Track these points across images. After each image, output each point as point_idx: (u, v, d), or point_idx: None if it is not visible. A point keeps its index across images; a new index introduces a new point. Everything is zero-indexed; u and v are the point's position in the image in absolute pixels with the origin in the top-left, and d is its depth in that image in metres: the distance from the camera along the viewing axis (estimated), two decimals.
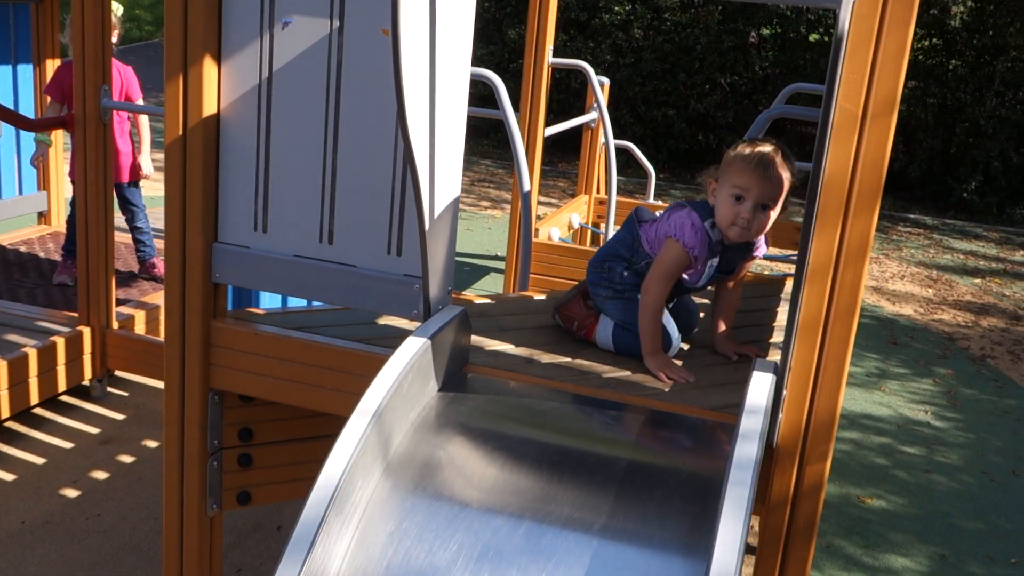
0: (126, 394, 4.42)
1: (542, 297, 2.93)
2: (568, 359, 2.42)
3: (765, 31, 12.69)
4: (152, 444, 3.98)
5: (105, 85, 3.87)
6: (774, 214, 2.39)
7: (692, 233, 2.41)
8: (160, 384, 4.48)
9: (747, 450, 1.75)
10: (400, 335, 2.46)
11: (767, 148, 2.37)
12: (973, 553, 3.82)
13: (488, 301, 2.85)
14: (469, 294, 4.14)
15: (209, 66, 2.21)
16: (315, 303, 2.94)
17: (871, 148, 1.89)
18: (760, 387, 1.94)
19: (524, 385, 2.22)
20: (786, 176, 2.36)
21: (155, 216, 6.52)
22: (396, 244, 2.22)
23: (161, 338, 4.65)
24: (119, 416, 4.20)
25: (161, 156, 2.65)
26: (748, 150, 2.38)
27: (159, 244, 5.67)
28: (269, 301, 3.50)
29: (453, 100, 2.14)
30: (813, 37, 12.60)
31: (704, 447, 2.07)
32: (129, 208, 5.01)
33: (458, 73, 2.15)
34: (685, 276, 2.46)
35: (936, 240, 10.03)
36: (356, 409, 1.82)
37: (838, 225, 1.93)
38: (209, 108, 2.24)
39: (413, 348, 1.98)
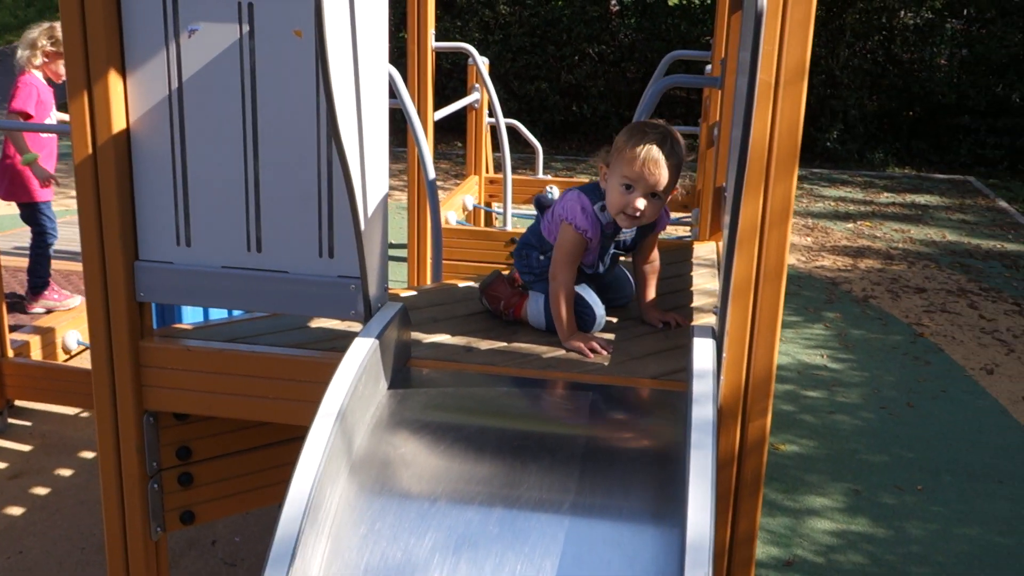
0: (29, 424, 4.24)
1: (465, 284, 2.95)
2: (505, 344, 2.45)
3: None
4: (65, 473, 3.84)
5: None
6: (662, 199, 2.43)
7: (583, 217, 2.45)
8: (65, 410, 4.34)
9: (703, 413, 1.82)
10: (336, 337, 2.45)
11: (654, 140, 2.37)
12: (883, 485, 4.04)
13: (413, 293, 2.86)
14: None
15: (114, 80, 2.14)
16: (236, 313, 2.90)
17: (786, 115, 1.97)
18: (704, 352, 2.01)
19: (469, 374, 2.24)
20: (675, 163, 2.39)
21: (25, 236, 6.25)
22: (327, 246, 2.21)
23: (59, 362, 4.49)
24: (25, 448, 4.03)
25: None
26: (636, 142, 2.37)
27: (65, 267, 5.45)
28: (191, 315, 3.41)
29: (376, 96, 2.13)
30: (672, 2, 12.88)
31: (654, 416, 2.13)
32: (48, 230, 4.76)
33: (378, 69, 2.14)
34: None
35: (807, 189, 10.44)
36: (317, 415, 1.81)
37: (760, 191, 2.00)
38: (118, 123, 2.17)
39: (363, 349, 1.98)
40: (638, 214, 2.40)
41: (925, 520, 3.76)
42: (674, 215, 6.33)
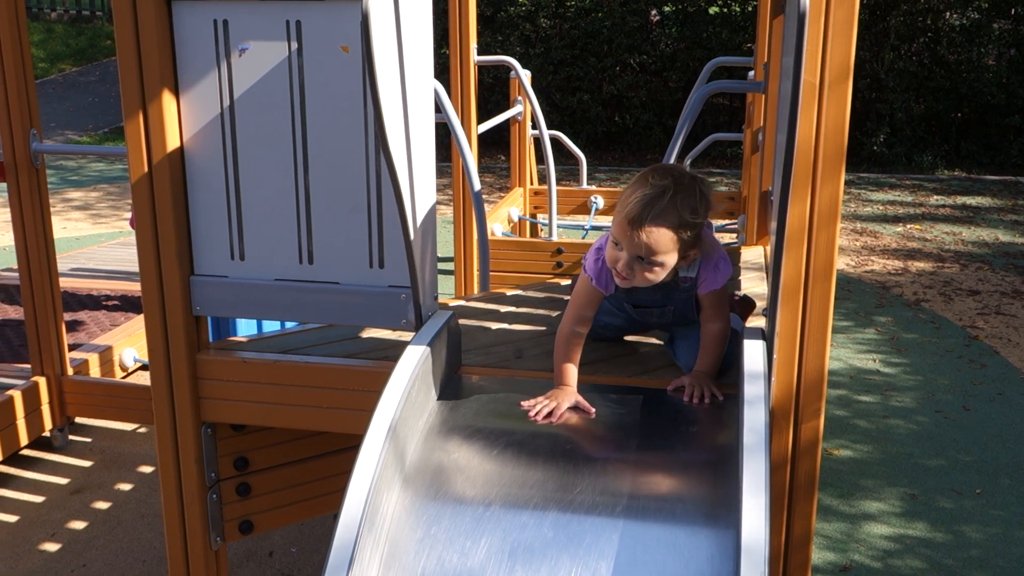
0: (89, 440, 4.34)
1: (513, 293, 2.97)
2: None
3: (666, 8, 12.90)
4: (125, 487, 3.91)
5: (33, 129, 3.79)
6: (661, 268, 2.09)
7: (593, 261, 2.22)
8: (123, 426, 4.42)
9: (756, 416, 1.82)
10: (388, 347, 2.48)
11: (645, 198, 2.02)
12: (940, 489, 3.98)
13: (462, 302, 2.88)
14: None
15: (168, 100, 2.20)
16: (288, 324, 2.95)
17: (831, 115, 1.97)
18: (755, 353, 2.01)
19: (520, 380, 2.26)
20: (670, 223, 2.03)
21: (86, 257, 6.41)
22: (378, 257, 2.24)
23: (117, 379, 4.58)
24: (86, 463, 4.12)
25: None
26: (628, 194, 2.07)
27: (123, 287, 5.56)
28: (245, 328, 3.48)
29: (422, 108, 2.17)
30: (713, 10, 12.84)
31: (707, 419, 2.13)
32: None
33: (424, 82, 2.17)
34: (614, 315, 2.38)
35: (855, 194, 10.34)
36: (371, 424, 1.83)
37: (807, 192, 2.00)
38: (172, 142, 2.22)
39: (415, 357, 2.01)
40: (623, 273, 2.09)
41: (984, 524, 3.69)
42: (720, 222, 6.32)
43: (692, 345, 2.31)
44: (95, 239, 8.15)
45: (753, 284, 3.10)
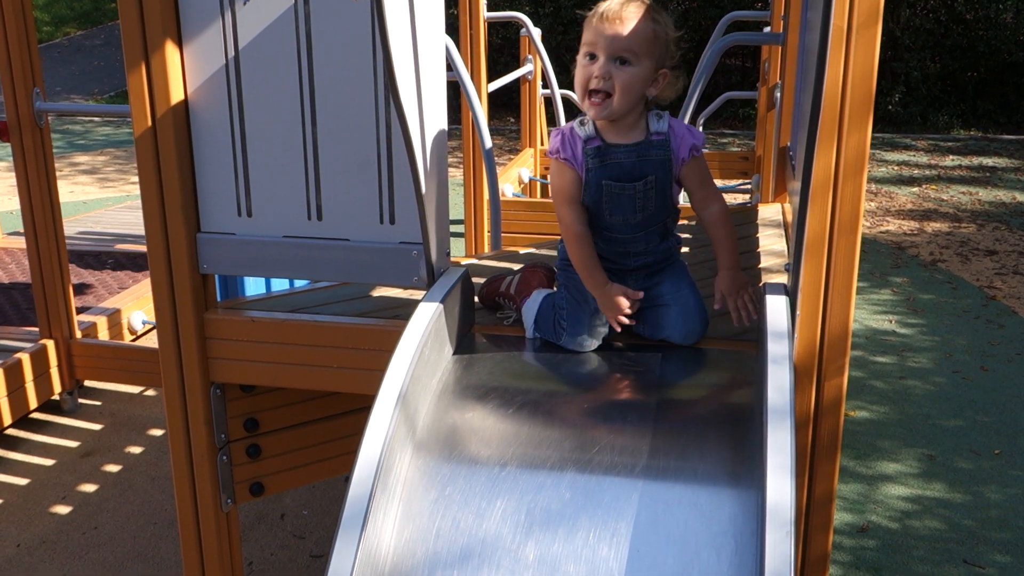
0: (99, 403, 4.31)
1: (527, 251, 2.91)
2: None
3: None
4: (136, 450, 3.89)
5: (36, 88, 3.73)
6: (638, 70, 1.97)
7: (554, 136, 2.09)
8: (132, 389, 4.39)
9: (781, 374, 1.76)
10: (399, 304, 2.43)
11: (618, 1, 2.00)
12: (958, 450, 3.93)
13: (474, 261, 2.83)
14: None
15: (171, 52, 2.13)
16: (297, 283, 2.90)
17: (859, 61, 1.89)
18: (778, 310, 1.95)
19: (535, 339, 2.20)
20: (645, 18, 1.97)
21: (93, 220, 6.37)
22: (388, 213, 2.18)
23: (126, 342, 4.55)
24: (96, 427, 4.10)
25: None
26: (596, 7, 2.02)
27: (131, 249, 5.52)
28: (253, 287, 3.43)
29: (434, 59, 2.10)
30: None
31: (727, 377, 2.07)
32: None
33: (436, 31, 2.10)
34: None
35: (870, 153, 10.20)
36: (383, 383, 1.78)
37: (833, 142, 1.93)
38: (176, 95, 2.16)
39: (428, 314, 1.95)
40: (600, 83, 1.96)
41: (1004, 484, 3.65)
42: (732, 182, 6.23)
43: (683, 310, 2.14)
44: (102, 203, 8.11)
45: (771, 241, 3.03)
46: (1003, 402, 4.36)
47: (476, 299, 2.35)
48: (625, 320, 2.07)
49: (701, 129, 6.63)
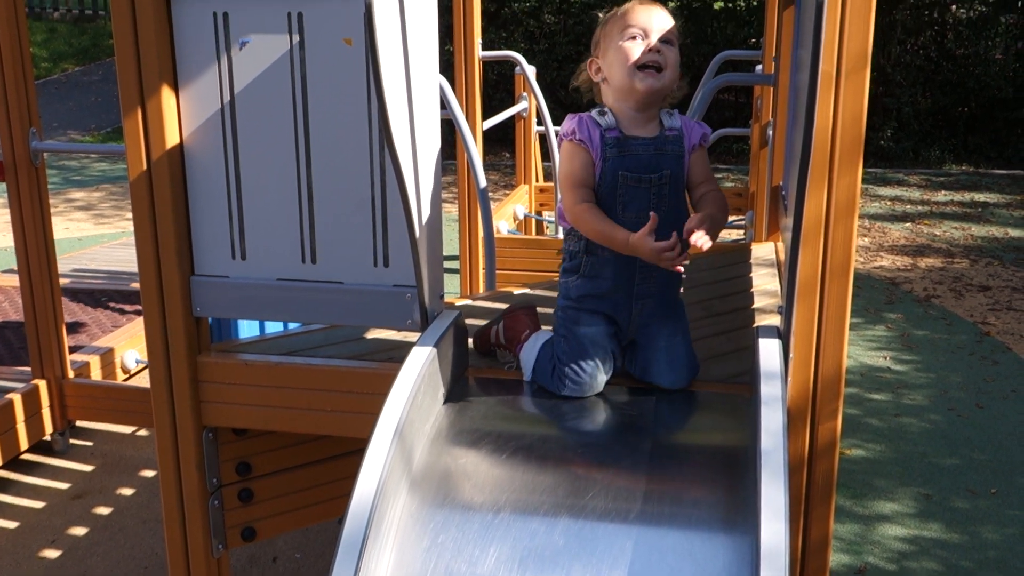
0: (91, 444, 4.28)
1: (520, 291, 2.91)
2: None
3: (671, 3, 12.82)
4: (127, 492, 3.86)
5: (33, 127, 3.74)
6: (677, 58, 2.08)
7: (570, 121, 2.08)
8: (125, 429, 4.37)
9: (774, 417, 1.76)
10: (393, 347, 2.42)
11: None
12: (955, 489, 3.92)
13: (468, 302, 2.82)
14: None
15: (167, 95, 2.14)
16: (292, 325, 2.89)
17: (848, 105, 1.91)
18: (770, 353, 1.95)
19: (529, 382, 2.20)
20: (672, 19, 2.08)
21: (88, 258, 6.36)
22: (382, 255, 2.18)
23: (119, 381, 4.52)
24: (87, 468, 4.07)
25: None
26: (622, 6, 2.09)
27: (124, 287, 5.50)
28: (247, 329, 3.42)
29: (427, 103, 2.11)
30: (718, 5, 12.77)
31: (721, 420, 2.07)
32: None
33: (429, 76, 2.11)
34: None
35: (863, 189, 10.26)
36: (376, 427, 1.78)
37: (824, 184, 1.94)
38: (172, 138, 2.17)
39: (421, 358, 1.95)
40: (656, 56, 2.01)
41: (1001, 524, 3.63)
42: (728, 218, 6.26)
43: (671, 356, 2.13)
44: (98, 239, 8.11)
45: (765, 281, 3.03)
46: (999, 440, 4.35)
47: (472, 346, 2.35)
48: (678, 260, 1.95)
49: None
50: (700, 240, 1.91)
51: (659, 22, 2.04)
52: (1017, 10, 12.34)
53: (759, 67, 5.44)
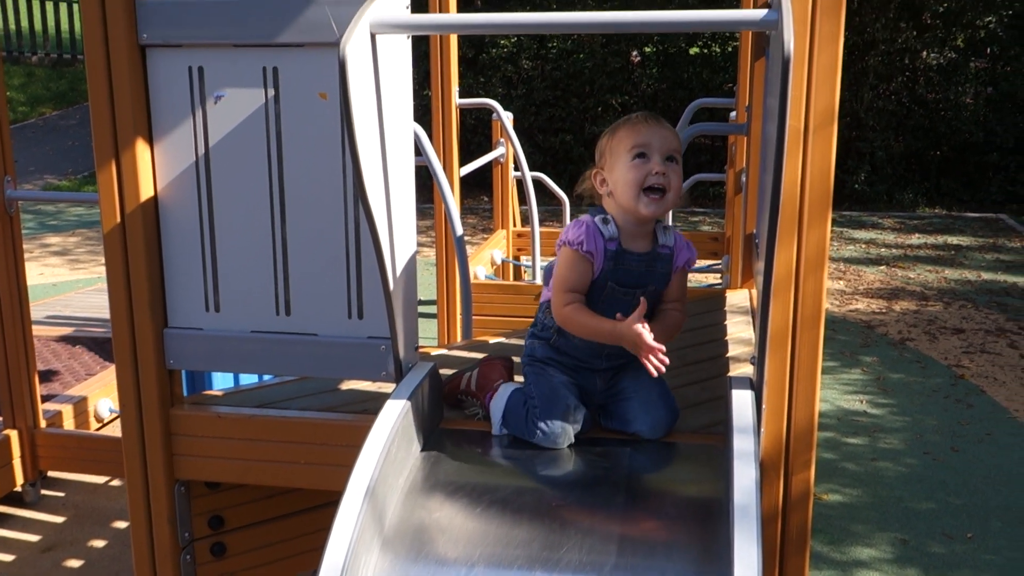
0: (62, 495, 4.22)
1: (496, 340, 2.92)
2: None
3: (647, 49, 12.99)
4: (99, 544, 3.80)
5: (8, 175, 3.73)
6: (681, 174, 2.12)
7: (576, 227, 2.11)
8: (97, 479, 4.31)
9: (746, 472, 1.76)
10: (367, 399, 2.42)
11: (642, 113, 2.16)
12: (931, 533, 3.92)
13: (444, 352, 2.83)
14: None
15: (142, 148, 2.15)
16: (266, 377, 2.88)
17: (816, 159, 1.94)
18: (743, 405, 1.96)
19: (504, 435, 2.20)
20: (674, 134, 2.13)
21: (62, 304, 6.32)
22: (357, 308, 2.19)
23: (91, 431, 4.48)
24: (58, 519, 4.01)
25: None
26: (625, 120, 2.14)
27: (96, 334, 5.46)
28: (221, 381, 3.40)
29: (401, 155, 2.13)
30: (693, 51, 12.94)
31: (695, 471, 2.07)
32: None
33: (403, 127, 2.13)
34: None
35: (837, 233, 10.36)
36: (349, 482, 1.77)
37: (794, 238, 1.97)
38: (146, 191, 2.17)
39: (395, 411, 1.94)
40: (661, 180, 2.05)
41: (977, 569, 3.63)
42: (704, 262, 6.30)
43: (645, 401, 2.15)
44: (73, 285, 8.05)
45: (739, 329, 3.05)
46: (974, 484, 4.37)
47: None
48: (662, 356, 2.01)
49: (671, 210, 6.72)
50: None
51: (664, 140, 2.08)
52: (986, 56, 12.58)
53: (733, 115, 5.51)
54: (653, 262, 2.15)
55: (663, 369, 2.01)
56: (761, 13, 1.84)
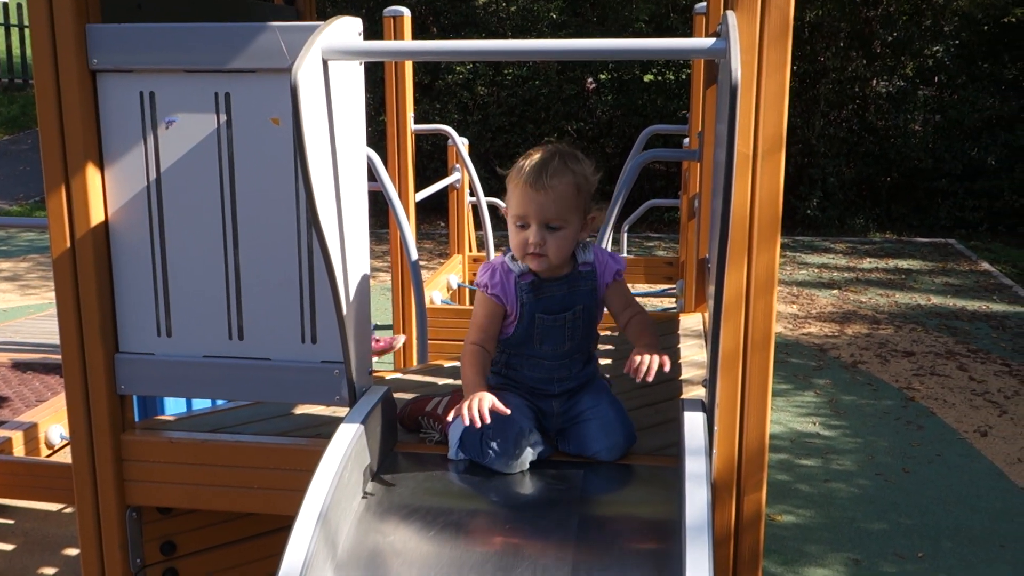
0: (11, 522, 4.14)
1: (451, 364, 2.92)
2: None
3: (602, 76, 13.12)
4: (49, 572, 3.74)
5: None
6: (569, 231, 2.09)
7: (484, 270, 2.15)
8: (48, 507, 4.24)
9: (698, 494, 1.78)
10: (321, 423, 2.41)
11: (535, 163, 2.09)
12: (883, 553, 3.98)
13: (399, 376, 2.82)
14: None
15: (92, 173, 2.13)
16: (220, 402, 2.86)
17: (765, 184, 1.98)
18: (695, 427, 1.98)
19: (455, 463, 2.20)
20: (568, 181, 2.07)
21: (12, 330, 6.22)
22: (310, 332, 2.18)
23: (42, 457, 4.40)
24: (8, 547, 3.93)
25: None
26: (517, 171, 2.11)
27: (46, 359, 5.37)
28: (174, 405, 3.36)
29: (354, 181, 2.13)
30: (648, 78, 13.11)
31: (649, 493, 2.09)
32: None
33: (356, 153, 2.14)
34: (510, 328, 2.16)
35: (790, 257, 10.51)
36: (301, 508, 1.76)
37: (744, 261, 2.00)
38: (97, 216, 2.16)
39: (348, 436, 1.94)
40: (538, 249, 2.07)
41: None
42: (658, 287, 6.35)
43: (604, 423, 2.15)
44: (24, 311, 7.93)
45: (692, 352, 3.09)
46: (925, 504, 4.44)
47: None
48: (475, 416, 1.97)
49: (625, 235, 6.79)
50: (647, 369, 2.03)
51: (542, 209, 2.06)
52: (934, 84, 12.87)
53: (686, 141, 5.58)
54: (575, 282, 2.17)
55: (666, 368, 2.05)
56: (710, 42, 1.88)
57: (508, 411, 2.02)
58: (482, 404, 1.99)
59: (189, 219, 2.16)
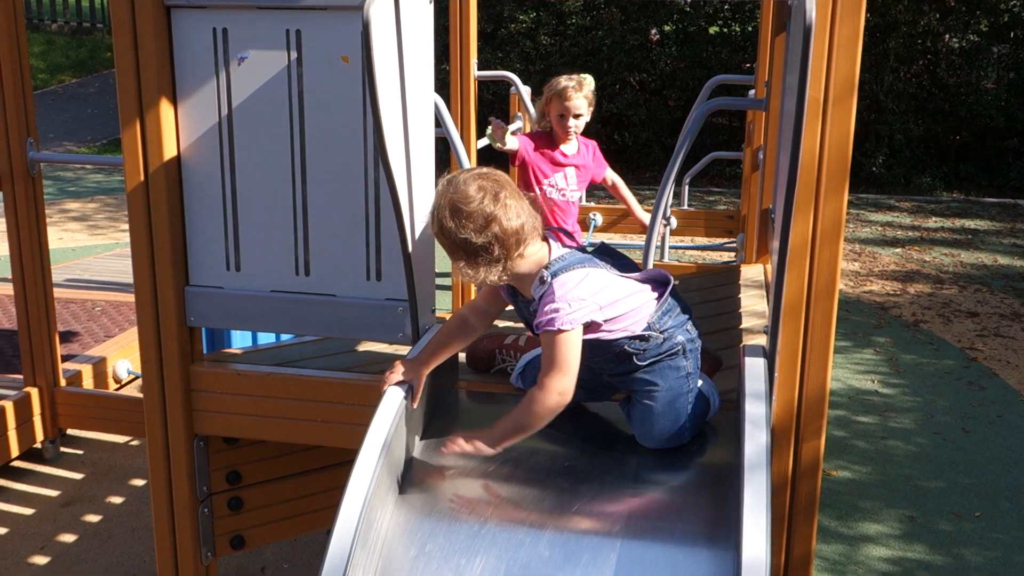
0: (81, 452, 4.29)
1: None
2: None
3: (666, 27, 12.92)
4: (116, 500, 3.87)
5: (30, 137, 3.77)
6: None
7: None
8: (115, 438, 4.38)
9: (757, 437, 1.79)
10: (383, 360, 2.45)
11: None
12: (940, 511, 3.94)
13: None
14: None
15: (166, 109, 2.18)
16: (284, 336, 2.92)
17: (835, 131, 1.95)
18: (756, 372, 1.98)
19: (517, 396, 2.23)
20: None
21: (81, 268, 6.38)
22: (375, 269, 2.22)
23: (110, 391, 4.54)
24: (77, 476, 4.08)
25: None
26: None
27: (117, 298, 5.53)
28: (240, 340, 3.44)
29: (422, 122, 2.15)
30: (713, 30, 12.86)
31: (706, 437, 2.10)
32: None
33: (424, 94, 2.15)
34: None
35: (854, 215, 10.32)
36: (366, 439, 1.80)
37: (811, 209, 1.98)
38: (169, 151, 2.20)
39: None
40: None
41: (984, 547, 3.66)
42: (719, 240, 6.31)
43: (639, 416, 2.03)
44: (91, 250, 8.12)
45: (753, 302, 3.07)
46: (984, 464, 4.39)
47: (465, 355, 2.38)
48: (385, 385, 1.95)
49: (687, 188, 6.73)
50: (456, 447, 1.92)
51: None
52: (1009, 41, 12.46)
53: (752, 92, 5.49)
54: (528, 306, 2.04)
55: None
56: None
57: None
58: (385, 382, 1.94)
59: (259, 156, 2.20)
